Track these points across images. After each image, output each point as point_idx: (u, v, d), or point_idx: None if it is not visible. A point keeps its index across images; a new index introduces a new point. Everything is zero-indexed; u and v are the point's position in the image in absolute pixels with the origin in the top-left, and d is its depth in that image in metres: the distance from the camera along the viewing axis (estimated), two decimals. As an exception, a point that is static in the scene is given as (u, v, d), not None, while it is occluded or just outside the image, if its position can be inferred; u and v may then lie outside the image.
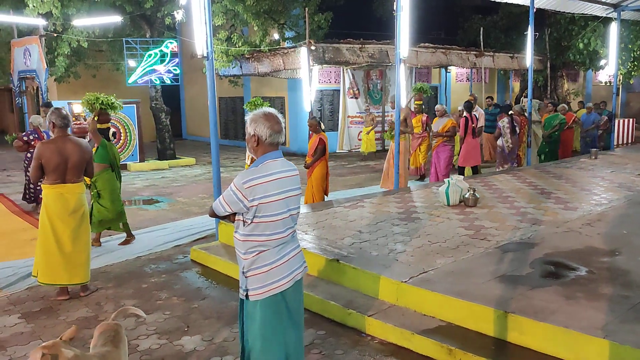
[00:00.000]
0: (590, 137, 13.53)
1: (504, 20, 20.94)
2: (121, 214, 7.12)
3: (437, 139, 9.97)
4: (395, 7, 8.32)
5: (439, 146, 9.95)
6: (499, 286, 4.36)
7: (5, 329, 4.56)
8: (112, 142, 7.16)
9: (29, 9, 12.01)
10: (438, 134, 9.87)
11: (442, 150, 9.94)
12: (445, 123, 9.86)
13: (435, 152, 10.03)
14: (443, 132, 9.82)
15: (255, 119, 2.93)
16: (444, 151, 9.94)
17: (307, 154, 8.32)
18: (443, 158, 9.95)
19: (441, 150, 9.95)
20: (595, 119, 13.47)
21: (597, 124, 13.46)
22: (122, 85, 16.96)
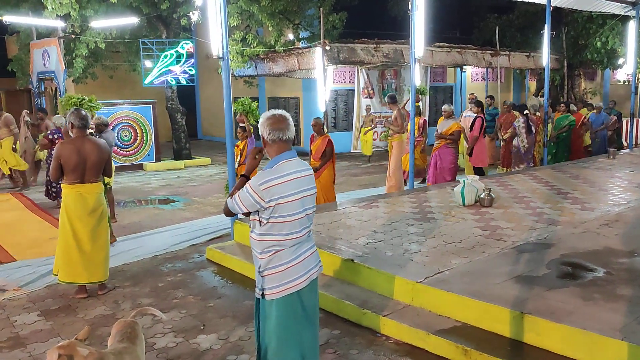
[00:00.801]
0: (599, 138, 13.14)
1: (520, 19, 20.76)
2: None
3: (439, 140, 9.43)
4: (411, 7, 8.31)
5: (440, 147, 9.41)
6: (515, 287, 4.33)
7: (25, 327, 4.63)
8: None
9: (48, 11, 12.17)
10: (441, 135, 9.36)
11: (445, 152, 9.38)
12: (450, 126, 9.33)
13: (437, 153, 9.49)
14: (447, 135, 9.31)
15: (260, 121, 3.00)
16: (447, 153, 9.39)
17: (312, 157, 8.01)
18: (446, 160, 9.40)
19: (443, 152, 9.39)
20: (605, 119, 13.10)
21: (606, 125, 13.11)
22: (138, 85, 17.15)
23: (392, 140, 9.69)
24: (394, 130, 9.62)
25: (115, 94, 19.43)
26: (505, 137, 10.80)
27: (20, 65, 16.92)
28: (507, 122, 10.94)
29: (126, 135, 14.37)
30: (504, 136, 10.87)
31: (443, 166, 9.45)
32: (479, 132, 9.86)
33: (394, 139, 9.68)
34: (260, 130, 3.00)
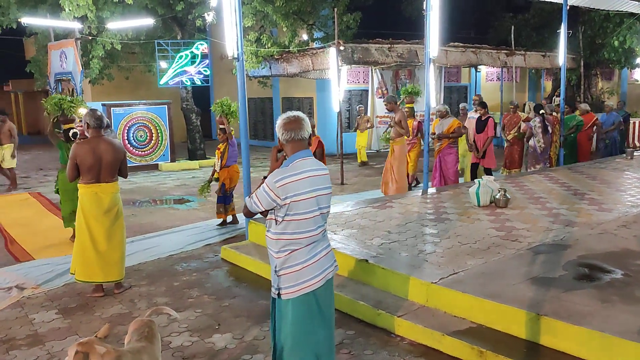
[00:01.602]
0: (609, 139, 12.78)
1: (536, 19, 20.57)
2: (73, 213, 6.72)
3: (442, 141, 9.23)
4: (425, 7, 8.26)
5: (444, 149, 9.25)
6: (531, 288, 4.30)
7: (44, 324, 4.70)
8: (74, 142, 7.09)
9: (65, 12, 12.32)
10: (443, 135, 9.16)
11: (448, 152, 9.27)
12: (450, 123, 9.19)
13: (441, 155, 9.32)
14: (448, 134, 9.17)
15: (277, 123, 3.06)
16: (450, 154, 9.29)
17: None
18: (450, 162, 9.31)
19: (447, 153, 9.26)
20: (616, 119, 12.70)
21: (617, 125, 12.70)
22: (153, 86, 17.29)
23: (395, 143, 9.24)
24: (402, 133, 9.26)
25: (130, 94, 19.64)
26: (509, 138, 10.45)
27: (38, 67, 17.13)
28: (511, 122, 10.59)
29: (141, 135, 14.48)
30: (507, 137, 10.53)
31: (447, 168, 9.33)
32: (493, 132, 9.73)
33: (397, 142, 9.23)
34: (277, 131, 3.05)
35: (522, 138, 10.58)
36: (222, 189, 7.96)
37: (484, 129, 9.58)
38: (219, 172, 8.03)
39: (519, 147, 10.62)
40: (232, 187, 8.06)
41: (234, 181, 8.07)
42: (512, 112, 10.73)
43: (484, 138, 9.60)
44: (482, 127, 9.64)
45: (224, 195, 8.00)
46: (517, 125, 10.53)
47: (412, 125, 10.23)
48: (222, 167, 7.97)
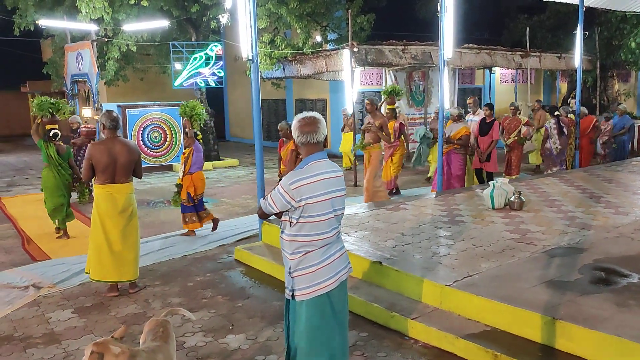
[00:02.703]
0: (617, 143, 12.40)
1: (551, 20, 20.41)
2: (56, 210, 7.65)
3: (447, 145, 8.98)
4: (440, 8, 8.24)
5: (449, 153, 9.03)
6: (547, 292, 4.26)
7: (60, 323, 4.75)
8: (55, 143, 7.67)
9: (82, 15, 12.47)
10: (449, 139, 8.94)
11: (453, 158, 9.04)
12: (459, 129, 8.95)
13: (444, 158, 9.01)
14: (454, 140, 8.92)
15: (293, 123, 3.06)
16: (455, 159, 9.05)
17: (282, 163, 7.41)
18: (455, 166, 9.06)
19: (452, 158, 9.02)
20: (627, 123, 12.26)
21: (626, 129, 12.28)
22: (168, 87, 17.40)
23: (372, 149, 8.77)
24: (385, 139, 8.89)
25: (145, 95, 19.79)
26: (509, 143, 10.16)
27: (55, 68, 17.34)
28: (510, 126, 10.28)
29: (156, 136, 14.59)
30: (507, 141, 10.22)
31: (451, 172, 9.06)
32: (498, 135, 9.50)
33: (374, 148, 8.78)
34: (292, 133, 3.06)
35: (522, 143, 10.26)
36: (189, 197, 7.49)
37: (488, 131, 9.37)
38: (181, 179, 7.56)
39: (519, 152, 10.32)
40: (199, 195, 7.58)
41: (200, 189, 7.58)
42: (512, 115, 10.43)
43: (487, 141, 9.37)
44: (486, 129, 9.42)
45: (194, 204, 7.55)
46: (517, 129, 10.21)
47: (394, 127, 9.85)
48: (185, 173, 7.48)
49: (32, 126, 7.84)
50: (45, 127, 7.72)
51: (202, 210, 7.69)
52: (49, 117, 7.71)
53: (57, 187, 7.62)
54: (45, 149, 7.58)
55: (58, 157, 7.65)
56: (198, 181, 7.54)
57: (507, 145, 10.28)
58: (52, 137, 7.64)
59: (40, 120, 7.72)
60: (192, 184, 7.49)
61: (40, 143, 7.61)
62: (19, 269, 6.28)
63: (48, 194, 7.65)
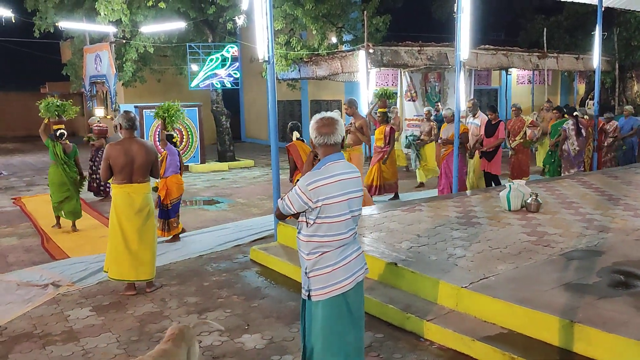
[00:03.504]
0: (627, 145, 11.97)
1: (569, 20, 20.22)
2: (60, 204, 8.08)
3: (446, 147, 8.91)
4: (456, 9, 8.21)
5: (449, 155, 8.88)
6: (564, 294, 4.22)
7: (78, 321, 4.81)
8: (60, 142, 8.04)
9: (101, 17, 12.63)
10: (447, 140, 8.81)
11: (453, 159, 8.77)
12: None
13: (445, 161, 8.98)
14: (452, 139, 8.68)
15: (311, 123, 3.06)
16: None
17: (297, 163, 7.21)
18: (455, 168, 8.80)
19: (452, 160, 8.77)
20: (635, 124, 11.81)
21: (635, 131, 11.82)
22: (184, 89, 17.54)
23: (352, 151, 8.57)
24: (364, 140, 8.71)
25: (162, 97, 19.87)
26: (514, 146, 9.89)
27: (74, 70, 17.58)
28: (515, 128, 9.99)
29: (172, 137, 14.69)
30: (512, 144, 9.95)
31: (451, 174, 8.83)
32: (504, 135, 9.37)
33: (354, 150, 8.62)
34: (310, 133, 3.06)
35: (527, 146, 9.99)
36: (158, 201, 7.20)
37: (494, 133, 9.25)
38: (157, 182, 7.30)
39: (524, 156, 10.02)
40: (173, 200, 7.24)
41: (173, 193, 7.24)
42: (515, 116, 10.13)
43: (493, 142, 9.27)
44: (492, 131, 9.30)
45: (164, 209, 7.23)
46: (522, 130, 9.96)
47: (385, 132, 9.42)
48: (160, 177, 7.00)
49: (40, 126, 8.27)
50: (52, 127, 8.13)
51: (174, 218, 7.32)
52: (55, 118, 8.11)
53: (62, 183, 8.03)
54: (52, 148, 8.00)
55: (64, 156, 8.04)
56: (172, 185, 7.22)
57: (512, 149, 10.01)
58: (58, 136, 8.02)
59: (47, 121, 8.16)
60: (165, 187, 7.20)
61: (47, 142, 8.04)
62: (39, 267, 6.37)
63: (54, 189, 8.08)
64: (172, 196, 7.25)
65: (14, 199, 10.89)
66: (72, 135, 7.96)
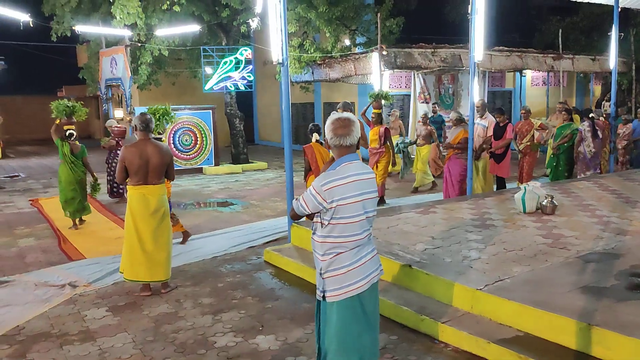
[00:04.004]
0: (638, 148, 11.74)
1: (585, 21, 20.03)
2: (67, 202, 8.36)
3: (448, 151, 8.81)
4: (470, 10, 8.18)
5: (450, 158, 8.79)
6: (581, 297, 4.18)
7: (95, 321, 4.86)
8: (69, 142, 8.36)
9: (116, 20, 12.76)
10: (449, 145, 8.73)
11: (455, 163, 8.72)
12: (457, 134, 8.64)
13: (447, 165, 8.87)
14: (454, 144, 8.63)
15: (327, 123, 3.05)
16: (456, 165, 8.72)
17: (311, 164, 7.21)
18: (454, 172, 8.75)
19: (452, 164, 8.75)
20: None
21: None
22: (198, 91, 17.67)
23: None
24: (362, 145, 8.58)
25: (177, 99, 20.11)
26: (521, 148, 9.72)
27: (90, 73, 17.77)
28: (522, 130, 9.78)
29: (187, 139, 14.81)
30: (519, 147, 9.77)
31: (452, 178, 8.79)
32: (512, 135, 9.30)
33: None
34: (326, 133, 3.06)
35: (535, 149, 9.82)
36: None
37: (502, 135, 9.20)
38: None
39: (531, 159, 9.83)
40: None
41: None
42: (524, 119, 9.95)
43: (500, 143, 9.22)
44: (501, 133, 9.24)
45: None
46: (530, 133, 9.75)
47: (379, 133, 9.40)
48: None
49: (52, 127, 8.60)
50: (62, 128, 8.44)
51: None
52: (65, 118, 8.44)
53: (70, 181, 8.33)
54: (60, 147, 8.35)
55: (71, 155, 8.36)
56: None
57: (520, 152, 9.84)
58: (67, 136, 8.35)
59: (59, 122, 8.49)
60: None
61: (57, 142, 8.39)
62: (56, 267, 6.45)
63: (61, 187, 8.41)
64: None
65: (32, 200, 11.02)
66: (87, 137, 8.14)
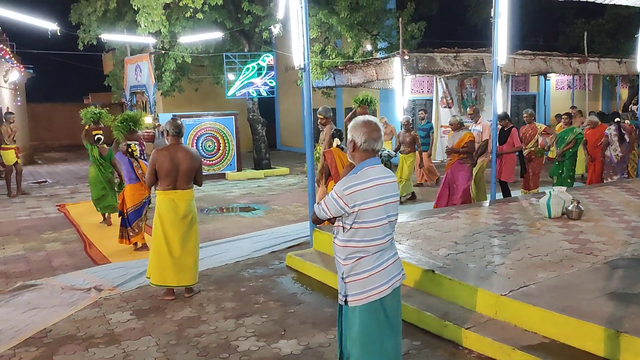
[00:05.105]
0: None
1: (611, 24, 19.72)
2: (98, 200, 9.08)
3: (451, 156, 8.41)
4: (493, 14, 8.11)
5: (453, 164, 8.37)
6: (609, 304, 4.09)
7: (119, 324, 4.92)
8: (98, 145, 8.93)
9: (141, 28, 12.98)
10: (453, 149, 8.31)
11: (459, 168, 8.33)
12: (461, 137, 8.27)
13: (450, 170, 8.43)
14: (459, 148, 8.26)
15: (355, 125, 3.00)
16: (460, 170, 8.32)
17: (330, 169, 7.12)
18: (459, 179, 8.34)
19: (457, 169, 8.34)
20: None
21: None
22: (221, 98, 17.84)
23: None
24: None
25: (199, 106, 20.37)
26: (525, 154, 9.38)
27: (115, 80, 18.09)
28: (527, 135, 9.52)
29: (210, 145, 14.95)
30: (524, 152, 9.41)
31: (456, 186, 8.39)
32: (519, 142, 9.08)
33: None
34: (354, 135, 2.99)
35: (540, 154, 9.49)
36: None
37: (506, 140, 9.03)
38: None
39: (536, 164, 9.52)
40: (128, 209, 7.32)
41: (127, 203, 7.33)
42: (528, 123, 9.66)
43: (507, 149, 9.03)
44: (504, 138, 9.06)
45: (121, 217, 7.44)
46: (534, 138, 9.47)
47: None
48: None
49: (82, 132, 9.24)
50: (91, 133, 9.01)
51: (129, 227, 7.38)
52: (93, 124, 9.08)
53: (99, 181, 8.99)
54: (90, 150, 8.99)
55: (99, 158, 8.98)
56: (127, 194, 7.35)
57: (525, 157, 9.49)
58: (96, 140, 8.89)
59: (87, 127, 9.13)
60: (122, 195, 7.49)
61: (87, 145, 9.04)
62: (82, 271, 6.55)
63: (92, 187, 9.14)
64: (127, 205, 7.34)
65: (59, 205, 11.23)
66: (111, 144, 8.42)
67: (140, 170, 7.28)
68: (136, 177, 7.27)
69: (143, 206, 7.40)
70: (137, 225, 7.40)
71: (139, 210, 7.37)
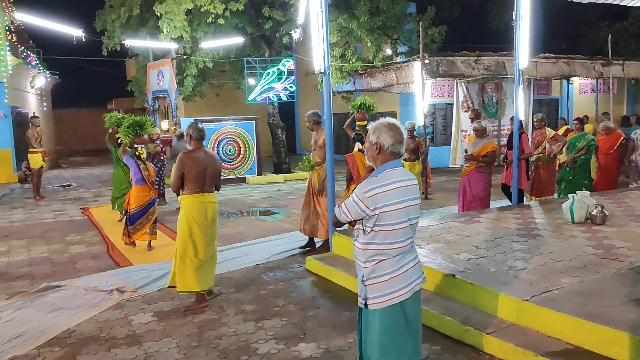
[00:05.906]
0: None
1: (635, 26, 19.43)
2: (118, 198, 9.69)
3: (469, 163, 8.09)
4: (515, 17, 8.04)
5: (471, 172, 8.08)
6: (635, 310, 4.01)
7: (141, 326, 4.97)
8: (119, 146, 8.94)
9: (163, 34, 13.17)
10: (472, 157, 8.00)
11: (476, 177, 8.07)
12: (483, 145, 7.98)
13: (467, 178, 8.17)
14: (479, 157, 7.96)
15: (379, 127, 2.98)
16: (479, 179, 8.07)
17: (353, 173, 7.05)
18: (477, 187, 8.09)
19: (474, 178, 8.08)
20: None
21: None
22: (241, 102, 17.97)
23: (321, 170, 7.34)
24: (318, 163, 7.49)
25: (220, 110, 20.52)
26: (533, 159, 9.01)
27: (138, 85, 18.35)
28: (536, 140, 9.19)
29: (230, 149, 15.05)
30: (532, 157, 9.00)
31: (473, 194, 8.12)
32: (530, 148, 8.71)
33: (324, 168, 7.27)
34: (380, 138, 2.97)
35: (548, 161, 8.98)
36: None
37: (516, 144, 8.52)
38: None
39: (545, 172, 9.06)
40: (131, 210, 7.64)
41: (132, 204, 7.66)
42: (538, 128, 9.25)
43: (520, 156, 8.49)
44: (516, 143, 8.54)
45: (126, 216, 7.79)
46: (542, 145, 9.07)
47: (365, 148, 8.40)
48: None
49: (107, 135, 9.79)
50: (114, 136, 9.34)
51: (131, 226, 7.64)
52: (117, 128, 9.23)
53: (122, 181, 9.56)
54: (114, 152, 9.49)
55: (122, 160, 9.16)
56: (133, 195, 7.71)
57: (533, 162, 9.12)
58: (119, 144, 8.92)
59: (111, 131, 9.58)
60: (129, 195, 7.91)
61: (111, 148, 9.62)
62: (105, 273, 6.64)
63: (115, 186, 9.89)
64: (131, 206, 7.69)
65: (82, 208, 11.41)
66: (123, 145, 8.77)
67: (147, 172, 7.67)
68: (143, 178, 7.63)
69: (147, 207, 7.70)
70: (140, 223, 7.68)
71: (143, 210, 7.67)
